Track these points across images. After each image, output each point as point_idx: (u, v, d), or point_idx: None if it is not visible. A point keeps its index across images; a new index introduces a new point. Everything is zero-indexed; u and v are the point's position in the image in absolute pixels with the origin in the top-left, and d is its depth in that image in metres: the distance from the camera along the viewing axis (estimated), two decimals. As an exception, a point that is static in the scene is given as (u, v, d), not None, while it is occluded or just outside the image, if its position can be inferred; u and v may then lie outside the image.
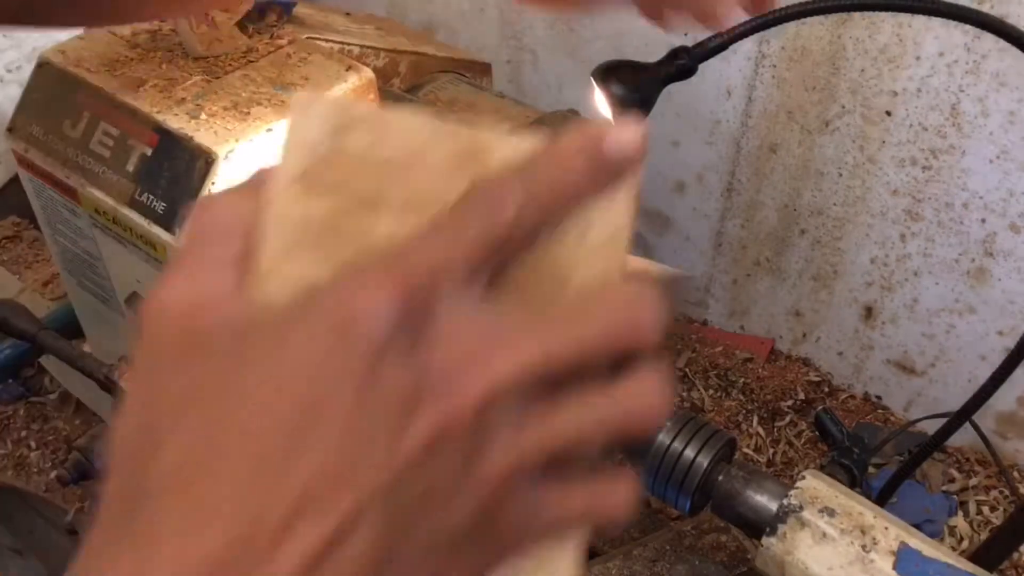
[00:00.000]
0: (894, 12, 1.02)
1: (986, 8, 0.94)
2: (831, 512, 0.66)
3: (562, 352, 0.26)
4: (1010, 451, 1.24)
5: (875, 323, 1.28)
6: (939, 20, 1.00)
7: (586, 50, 1.31)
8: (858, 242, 1.22)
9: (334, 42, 0.91)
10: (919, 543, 0.64)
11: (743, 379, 1.37)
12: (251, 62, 0.84)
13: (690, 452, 0.68)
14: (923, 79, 1.05)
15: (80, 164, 0.82)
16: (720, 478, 0.69)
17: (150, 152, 0.78)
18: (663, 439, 0.68)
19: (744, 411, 1.34)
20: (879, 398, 1.35)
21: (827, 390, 1.37)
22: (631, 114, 0.67)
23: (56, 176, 0.84)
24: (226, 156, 0.75)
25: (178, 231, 0.76)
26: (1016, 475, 1.24)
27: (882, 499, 0.89)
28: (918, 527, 0.68)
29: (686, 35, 0.63)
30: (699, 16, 0.48)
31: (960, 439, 1.26)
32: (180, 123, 0.77)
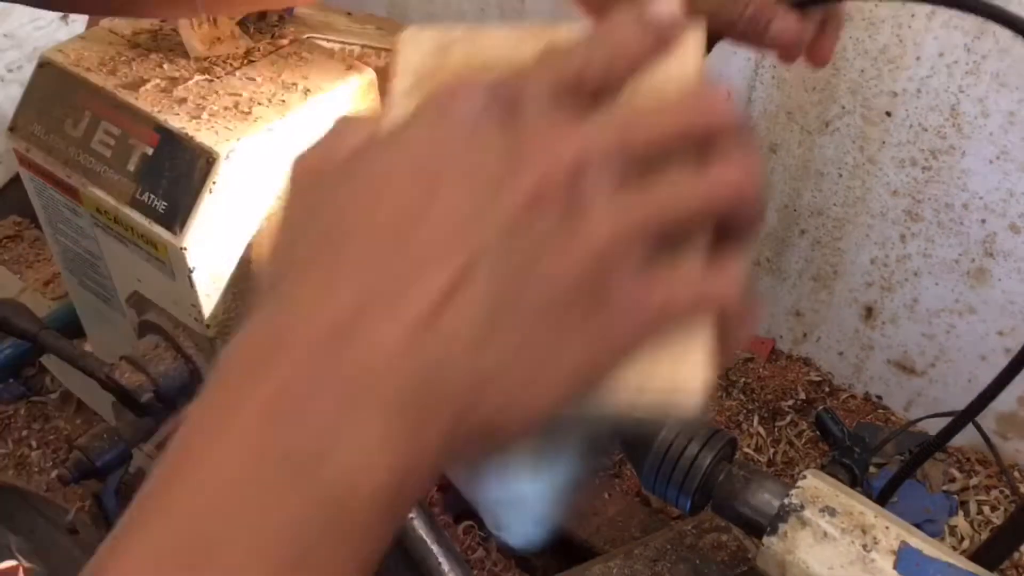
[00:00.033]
0: (892, 5, 1.02)
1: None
2: (832, 511, 0.66)
3: (647, 131, 0.29)
4: (1011, 451, 1.24)
5: (875, 323, 1.28)
6: (939, 20, 1.00)
7: (587, 50, 1.31)
8: (858, 242, 1.22)
9: (335, 42, 0.91)
10: (920, 543, 0.64)
11: (744, 379, 1.37)
12: (252, 62, 0.84)
13: (691, 452, 0.68)
14: (923, 80, 1.05)
15: (81, 163, 0.82)
16: (721, 478, 0.69)
17: (151, 152, 0.78)
18: (664, 439, 0.69)
19: (745, 411, 1.34)
20: (879, 398, 1.35)
21: (828, 390, 1.37)
22: None
23: (57, 175, 0.84)
24: (227, 156, 0.75)
25: (179, 230, 0.76)
26: (1017, 475, 1.24)
27: (883, 499, 0.89)
28: (919, 527, 0.68)
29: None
30: None
31: (961, 439, 1.25)
32: (181, 123, 0.77)
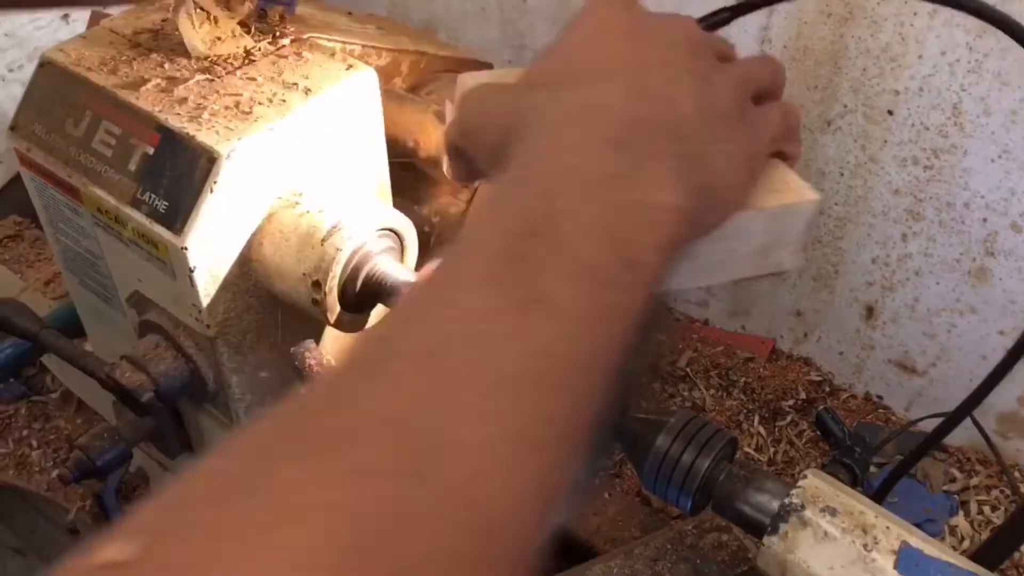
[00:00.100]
0: (895, 4, 1.02)
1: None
2: (832, 511, 0.66)
3: (758, 71, 0.47)
4: (1011, 451, 1.24)
5: (876, 323, 1.28)
6: (941, 19, 1.00)
7: (587, 49, 1.31)
8: (859, 241, 1.22)
9: (336, 41, 0.91)
10: (920, 542, 0.64)
11: (744, 379, 1.37)
12: (253, 61, 0.84)
13: (691, 452, 0.68)
14: (925, 78, 1.05)
15: (82, 163, 0.82)
16: (721, 477, 0.69)
17: (152, 151, 0.78)
18: (664, 439, 0.68)
19: (745, 410, 1.34)
20: (880, 398, 1.35)
21: (828, 390, 1.36)
22: None
23: (58, 175, 0.84)
24: (228, 155, 0.75)
25: (180, 230, 0.76)
26: (1017, 475, 1.24)
27: (880, 496, 0.89)
28: (919, 526, 0.68)
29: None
30: None
31: (961, 438, 1.26)
32: (182, 122, 0.77)
